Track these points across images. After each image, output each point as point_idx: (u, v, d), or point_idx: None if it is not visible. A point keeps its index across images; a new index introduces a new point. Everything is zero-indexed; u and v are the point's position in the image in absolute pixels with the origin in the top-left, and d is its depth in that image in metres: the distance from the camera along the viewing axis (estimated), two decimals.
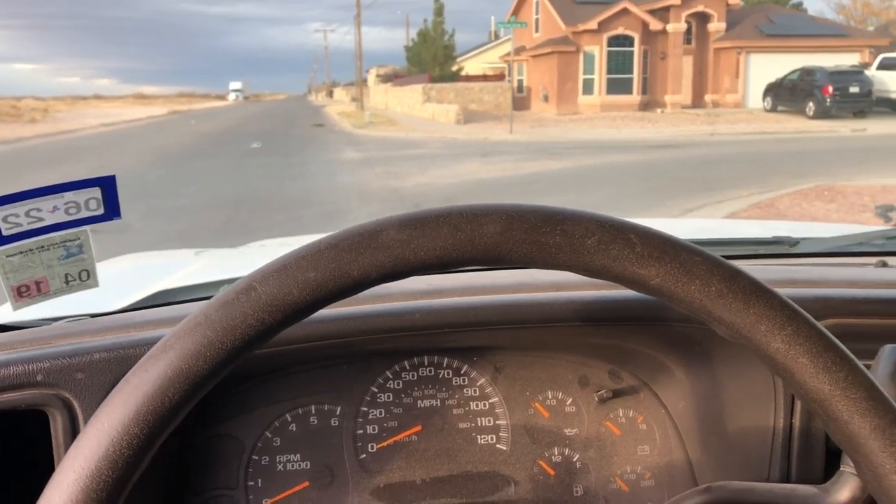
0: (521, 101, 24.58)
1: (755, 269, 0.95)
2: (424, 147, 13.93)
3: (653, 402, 0.79)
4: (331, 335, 0.67)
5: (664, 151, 12.48)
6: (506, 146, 14.07)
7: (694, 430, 0.76)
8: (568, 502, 0.76)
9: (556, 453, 0.78)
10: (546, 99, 23.72)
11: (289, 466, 0.75)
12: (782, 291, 0.80)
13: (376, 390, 0.77)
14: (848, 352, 0.42)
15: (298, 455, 0.75)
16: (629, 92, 22.78)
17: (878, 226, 1.42)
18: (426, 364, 0.78)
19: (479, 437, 0.77)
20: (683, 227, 1.71)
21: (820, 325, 0.43)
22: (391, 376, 0.77)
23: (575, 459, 0.78)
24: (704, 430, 0.75)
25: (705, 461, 0.75)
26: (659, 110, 22.19)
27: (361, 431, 0.76)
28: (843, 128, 15.72)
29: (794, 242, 1.16)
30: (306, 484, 0.74)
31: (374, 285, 0.42)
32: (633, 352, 0.78)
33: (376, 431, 0.76)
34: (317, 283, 0.40)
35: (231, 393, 0.74)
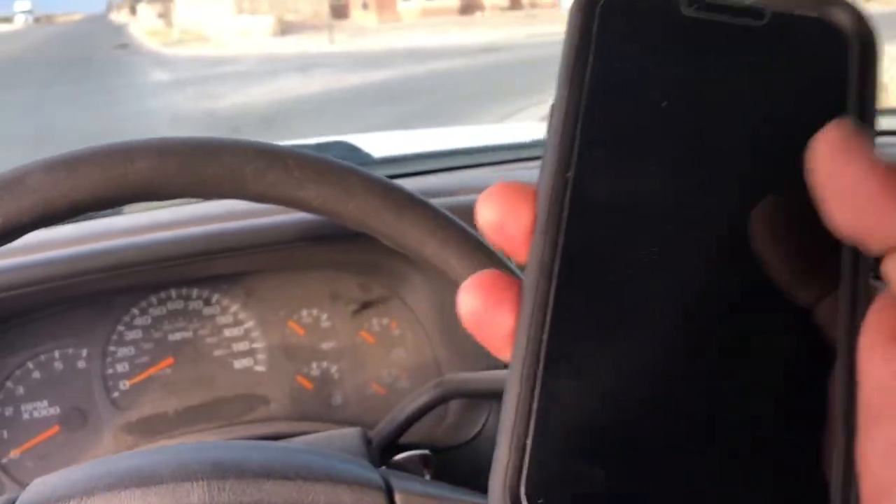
0: (339, 9, 23.86)
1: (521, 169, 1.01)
2: (239, 63, 13.29)
3: (403, 308, 0.84)
4: (37, 280, 0.66)
5: (485, 56, 12.63)
6: (326, 58, 13.70)
7: (438, 330, 0.82)
8: (326, 412, 0.80)
9: (315, 368, 0.81)
10: (365, 6, 23.19)
11: (35, 414, 0.73)
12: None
13: (123, 329, 0.76)
14: (493, 253, 0.47)
15: (46, 401, 0.74)
16: None
17: None
18: (174, 297, 0.78)
19: (234, 361, 0.79)
20: (468, 133, 1.77)
21: (469, 228, 0.47)
22: (138, 313, 0.77)
23: (333, 371, 0.82)
24: (444, 330, 0.81)
25: (449, 357, 0.81)
26: (478, 13, 22.32)
27: (111, 371, 0.76)
28: None
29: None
30: (56, 429, 0.74)
31: (26, 231, 0.42)
32: (378, 264, 0.81)
33: (127, 369, 0.76)
34: None
35: None
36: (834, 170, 0.19)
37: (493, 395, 0.70)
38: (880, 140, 0.22)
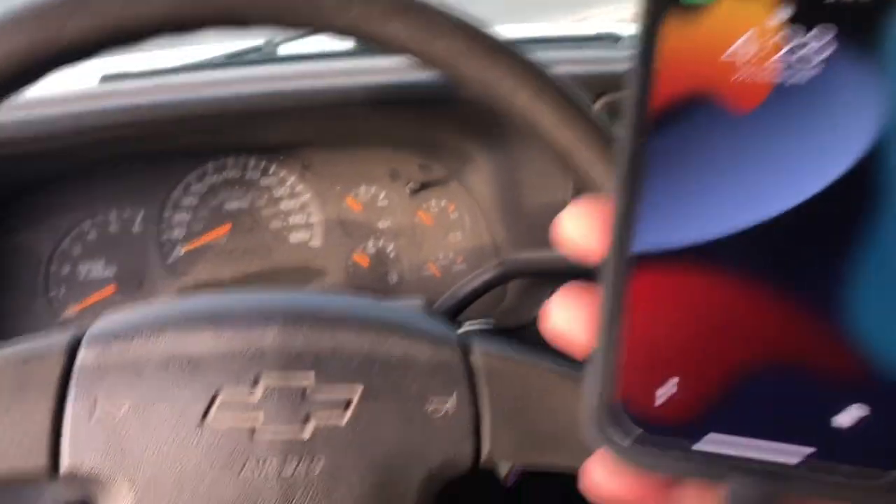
0: None
1: None
2: None
3: (461, 190, 0.81)
4: (96, 127, 0.64)
5: None
6: None
7: (498, 212, 0.79)
8: (382, 289, 0.79)
9: (371, 245, 0.80)
10: None
11: (92, 274, 0.73)
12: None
13: (179, 194, 0.75)
14: (589, 107, 0.43)
15: (102, 262, 0.73)
16: None
17: None
18: (231, 166, 0.76)
19: (290, 234, 0.78)
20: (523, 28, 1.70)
21: (563, 79, 0.43)
22: (195, 180, 0.75)
23: (389, 250, 0.80)
24: (507, 212, 0.78)
25: (508, 240, 0.79)
26: None
27: (167, 236, 0.74)
28: None
29: (617, 39, 1.18)
30: (112, 289, 0.73)
31: (96, 53, 0.39)
32: (440, 143, 0.78)
33: (183, 235, 0.75)
34: (24, 50, 0.37)
35: (17, 204, 0.70)
36: None
37: (556, 277, 0.68)
38: None
